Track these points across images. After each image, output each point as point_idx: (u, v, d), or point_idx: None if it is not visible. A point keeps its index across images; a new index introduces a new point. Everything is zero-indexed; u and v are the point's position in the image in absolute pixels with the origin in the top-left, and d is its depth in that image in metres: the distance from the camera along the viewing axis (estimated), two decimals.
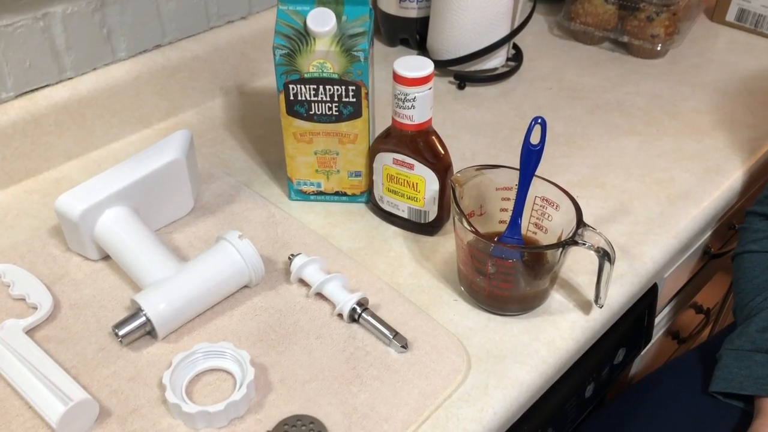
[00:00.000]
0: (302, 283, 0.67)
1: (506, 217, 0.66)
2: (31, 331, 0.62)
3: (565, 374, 0.67)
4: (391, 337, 0.61)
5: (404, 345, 0.61)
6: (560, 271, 0.66)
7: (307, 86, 0.69)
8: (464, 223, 0.60)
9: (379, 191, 0.74)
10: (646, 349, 0.96)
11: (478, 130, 0.91)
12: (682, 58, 1.08)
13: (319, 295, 0.66)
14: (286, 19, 0.67)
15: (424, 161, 0.68)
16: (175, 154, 0.70)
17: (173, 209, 0.74)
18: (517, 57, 1.06)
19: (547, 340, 0.63)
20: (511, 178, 0.64)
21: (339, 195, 0.78)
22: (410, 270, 0.70)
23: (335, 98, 0.69)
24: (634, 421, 0.80)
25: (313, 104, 0.70)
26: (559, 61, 1.07)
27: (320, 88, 0.69)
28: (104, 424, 0.55)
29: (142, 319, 0.60)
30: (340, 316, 0.64)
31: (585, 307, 0.67)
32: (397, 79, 0.65)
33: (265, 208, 0.77)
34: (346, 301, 0.63)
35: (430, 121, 0.68)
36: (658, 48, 1.05)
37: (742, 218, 0.85)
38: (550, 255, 0.63)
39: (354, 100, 0.69)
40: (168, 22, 0.87)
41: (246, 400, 0.56)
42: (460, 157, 0.86)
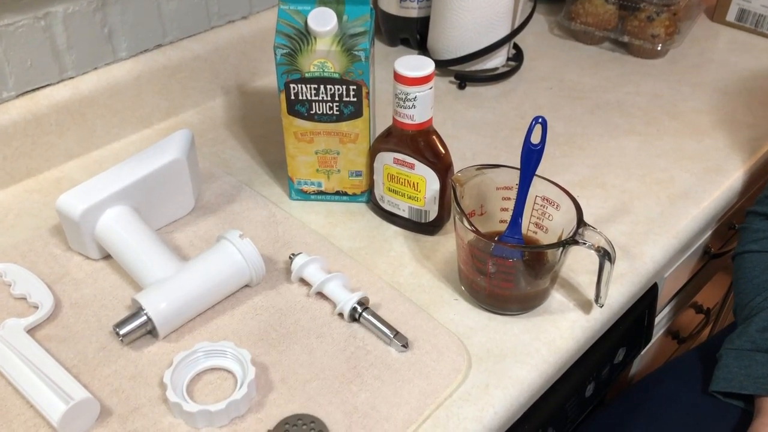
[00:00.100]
0: (303, 282, 0.67)
1: (507, 216, 0.66)
2: (32, 331, 0.62)
3: (566, 374, 0.67)
4: (391, 336, 0.61)
5: (405, 344, 0.61)
6: (561, 271, 0.66)
7: (308, 86, 0.69)
8: (465, 223, 0.60)
9: (379, 191, 0.74)
10: (646, 348, 0.96)
11: (478, 129, 0.91)
12: (682, 58, 1.08)
13: (320, 295, 0.66)
14: (287, 19, 0.67)
15: (425, 161, 0.68)
16: (176, 154, 0.70)
17: (174, 209, 0.74)
18: (518, 57, 1.06)
19: (548, 340, 0.64)
20: (512, 178, 0.64)
21: (340, 194, 0.78)
22: (411, 269, 0.70)
23: (336, 98, 0.69)
24: (634, 421, 0.80)
25: (313, 104, 0.70)
26: (559, 61, 1.07)
27: (321, 87, 0.69)
28: (105, 423, 0.55)
29: (143, 319, 0.60)
30: (341, 315, 0.64)
31: (585, 306, 0.67)
32: (398, 78, 0.65)
33: (266, 207, 0.77)
34: (347, 301, 0.63)
35: (430, 120, 0.68)
36: (659, 48, 1.05)
37: (742, 218, 0.85)
38: (551, 254, 0.63)
39: (355, 99, 0.69)
40: (169, 22, 0.87)
41: (247, 399, 0.56)
42: (460, 156, 0.86)
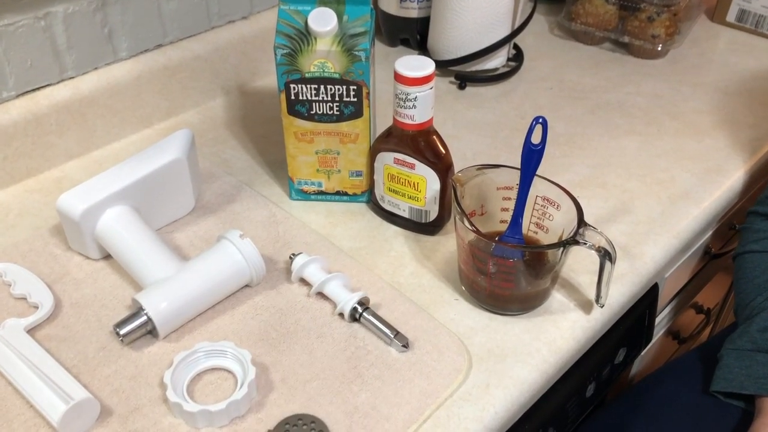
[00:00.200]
0: (303, 282, 0.67)
1: (507, 216, 0.66)
2: (32, 330, 0.62)
3: (566, 374, 0.67)
4: (392, 336, 0.61)
5: (405, 344, 0.61)
6: (561, 271, 0.66)
7: (308, 86, 0.69)
8: (465, 223, 0.60)
9: (380, 191, 0.74)
10: (646, 349, 0.96)
11: (479, 129, 0.91)
12: (682, 59, 1.08)
13: (320, 295, 0.66)
14: (288, 19, 0.67)
15: (425, 161, 0.68)
16: (176, 154, 0.70)
17: (174, 208, 0.74)
18: (518, 57, 1.06)
19: (548, 340, 0.63)
20: (512, 178, 0.64)
21: (340, 194, 0.78)
22: (411, 269, 0.70)
23: (336, 98, 0.69)
24: (635, 421, 0.80)
25: (314, 104, 0.70)
26: (559, 62, 1.07)
27: (321, 87, 0.69)
28: (105, 423, 0.55)
29: (143, 318, 0.60)
30: (341, 315, 0.64)
31: (586, 306, 0.67)
32: (399, 78, 0.65)
33: (266, 207, 0.77)
34: (347, 301, 0.63)
35: (431, 120, 0.68)
36: (659, 48, 1.05)
37: (742, 218, 0.85)
38: (551, 254, 0.63)
39: (355, 99, 0.69)
40: (169, 22, 0.87)
41: (247, 399, 0.56)
42: (461, 156, 0.86)
